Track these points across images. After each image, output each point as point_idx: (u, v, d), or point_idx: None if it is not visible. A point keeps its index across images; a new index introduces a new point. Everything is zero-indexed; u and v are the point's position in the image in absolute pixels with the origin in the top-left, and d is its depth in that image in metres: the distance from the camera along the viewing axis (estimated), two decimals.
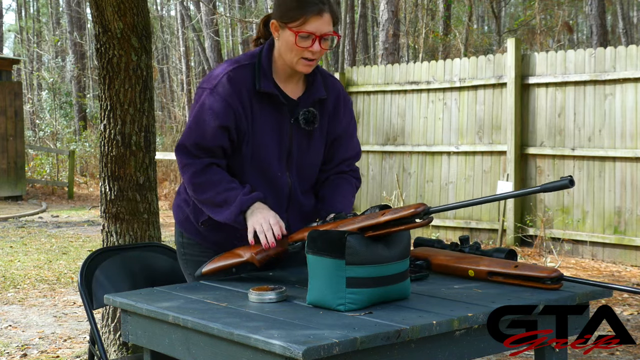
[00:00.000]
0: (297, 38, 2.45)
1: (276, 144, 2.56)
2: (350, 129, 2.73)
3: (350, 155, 2.74)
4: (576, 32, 31.57)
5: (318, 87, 2.60)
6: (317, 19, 2.44)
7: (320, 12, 2.44)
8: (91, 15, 4.35)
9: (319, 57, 2.51)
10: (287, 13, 2.46)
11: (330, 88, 2.65)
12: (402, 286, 2.19)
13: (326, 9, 2.46)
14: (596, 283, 2.34)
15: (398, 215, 2.13)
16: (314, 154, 2.64)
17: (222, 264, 2.54)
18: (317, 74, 2.63)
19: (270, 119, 2.55)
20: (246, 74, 2.53)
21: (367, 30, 24.80)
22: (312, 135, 2.62)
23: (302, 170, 2.64)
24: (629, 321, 5.61)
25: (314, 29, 2.44)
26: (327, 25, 2.46)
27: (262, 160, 2.56)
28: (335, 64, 16.41)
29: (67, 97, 22.28)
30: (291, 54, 2.49)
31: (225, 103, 2.50)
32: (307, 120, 2.55)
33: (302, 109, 2.56)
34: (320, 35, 2.46)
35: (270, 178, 2.59)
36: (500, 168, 9.01)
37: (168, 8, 34.23)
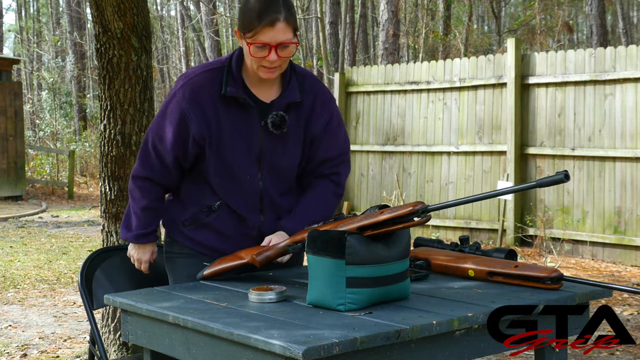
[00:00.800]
0: (252, 48, 2.46)
1: (244, 147, 2.57)
2: (331, 128, 2.67)
3: (330, 155, 2.69)
4: (576, 32, 31.57)
5: (292, 91, 2.58)
6: (269, 29, 2.43)
7: (273, 23, 2.42)
8: (91, 15, 4.35)
9: (280, 64, 2.49)
10: (243, 24, 2.48)
11: (307, 89, 2.63)
12: (402, 286, 2.19)
13: (281, 18, 2.43)
14: (596, 283, 2.34)
15: (396, 214, 2.14)
16: (290, 156, 2.63)
17: (224, 266, 2.55)
18: (294, 76, 2.60)
19: (238, 123, 2.56)
20: (214, 77, 2.56)
21: (367, 30, 24.80)
22: (287, 138, 2.60)
23: (278, 172, 2.63)
24: (629, 321, 5.61)
25: (268, 39, 2.44)
26: (283, 34, 2.44)
27: (229, 164, 2.58)
28: (335, 64, 16.40)
29: (67, 97, 22.29)
30: (251, 62, 2.51)
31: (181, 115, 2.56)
32: (275, 124, 2.55)
33: (272, 112, 2.56)
34: (276, 45, 2.45)
35: (239, 181, 2.61)
36: (500, 168, 9.01)
37: (168, 8, 34.24)
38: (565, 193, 8.52)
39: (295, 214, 2.67)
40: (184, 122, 2.56)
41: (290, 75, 2.60)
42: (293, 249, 2.47)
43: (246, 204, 2.63)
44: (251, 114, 2.56)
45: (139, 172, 2.69)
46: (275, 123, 2.54)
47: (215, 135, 2.56)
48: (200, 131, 2.55)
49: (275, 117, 2.54)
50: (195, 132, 2.56)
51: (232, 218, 2.64)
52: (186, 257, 2.70)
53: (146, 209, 2.70)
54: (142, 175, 2.68)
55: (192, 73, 2.60)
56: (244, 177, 2.60)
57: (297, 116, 2.61)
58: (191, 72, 2.62)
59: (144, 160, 2.67)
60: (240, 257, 2.55)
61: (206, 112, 2.55)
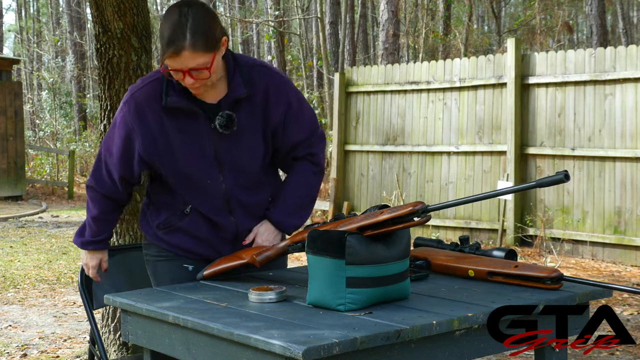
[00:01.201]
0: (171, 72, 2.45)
1: (198, 154, 2.55)
2: (292, 113, 2.61)
3: (299, 138, 2.65)
4: (576, 32, 31.57)
5: (236, 87, 2.53)
6: (176, 57, 2.39)
7: (178, 52, 2.38)
8: (91, 15, 4.35)
9: (201, 84, 2.45)
10: (160, 49, 2.46)
11: (255, 81, 2.55)
12: (402, 286, 2.19)
13: (185, 46, 2.37)
14: (596, 283, 2.34)
15: (396, 214, 2.14)
16: (250, 152, 2.59)
17: (223, 266, 2.55)
18: (237, 72, 2.54)
19: (187, 130, 2.54)
20: (157, 88, 2.54)
21: (367, 30, 24.80)
22: (242, 135, 2.56)
23: (241, 170, 2.61)
24: (629, 321, 5.61)
25: (177, 65, 2.41)
26: (191, 60, 2.39)
27: (187, 173, 2.58)
28: (335, 64, 16.40)
29: (67, 97, 22.30)
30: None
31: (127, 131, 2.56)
32: (222, 125, 2.51)
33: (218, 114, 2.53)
34: (187, 70, 2.42)
35: (201, 186, 2.60)
36: (500, 168, 9.01)
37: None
38: (565, 193, 8.52)
39: (278, 202, 2.67)
40: (129, 139, 2.57)
41: (233, 70, 2.55)
42: (293, 249, 2.47)
43: (213, 207, 2.62)
44: (199, 120, 2.54)
45: (91, 182, 2.73)
46: (222, 124, 2.51)
47: (164, 149, 2.55)
48: (146, 149, 2.56)
49: (221, 118, 2.51)
50: (141, 150, 2.57)
51: (204, 222, 2.64)
52: (165, 260, 2.71)
53: (96, 219, 2.76)
54: (93, 186, 2.72)
55: (137, 86, 2.60)
56: (204, 182, 2.59)
57: (250, 110, 2.56)
58: (137, 84, 2.61)
59: (96, 172, 2.71)
60: (240, 257, 2.56)
61: (152, 126, 2.54)
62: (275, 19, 16.55)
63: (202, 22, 2.42)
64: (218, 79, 2.53)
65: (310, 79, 20.49)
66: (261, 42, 26.86)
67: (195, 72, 2.42)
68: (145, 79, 2.60)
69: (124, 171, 2.63)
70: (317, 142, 2.70)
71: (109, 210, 2.75)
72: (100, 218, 2.75)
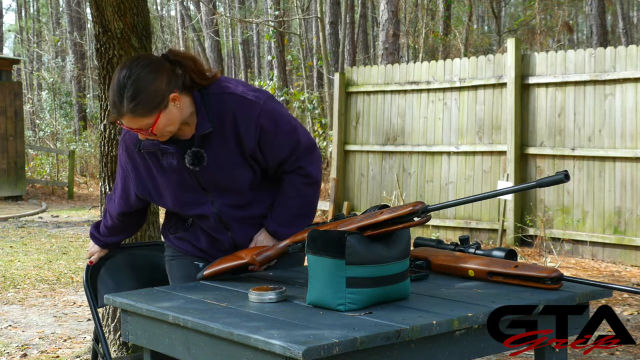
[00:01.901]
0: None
1: (182, 187, 2.63)
2: (267, 137, 2.58)
3: (282, 157, 2.62)
4: (576, 32, 31.57)
5: (202, 122, 2.54)
6: (122, 119, 2.47)
7: (120, 117, 2.45)
8: (91, 15, 4.35)
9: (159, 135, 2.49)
10: None
11: (224, 111, 2.55)
12: (402, 286, 2.19)
13: (124, 112, 2.42)
14: (596, 283, 2.34)
15: (396, 214, 2.14)
16: (233, 178, 2.61)
17: (223, 266, 2.55)
18: (202, 107, 2.55)
19: (167, 167, 2.62)
20: (135, 135, 2.62)
21: (367, 30, 24.80)
22: (220, 164, 2.58)
23: (229, 192, 2.64)
24: (629, 321, 5.61)
25: (128, 125, 2.48)
26: (133, 123, 2.45)
27: (176, 202, 2.67)
28: (335, 64, 16.41)
29: (67, 97, 22.29)
30: None
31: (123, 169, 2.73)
32: (191, 163, 2.56)
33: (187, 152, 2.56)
34: (137, 130, 2.48)
35: (194, 212, 2.68)
36: (500, 168, 9.01)
37: (168, 8, 34.25)
38: (565, 193, 8.52)
39: (272, 213, 2.69)
40: (126, 177, 2.75)
41: (199, 105, 2.55)
42: (293, 249, 2.48)
43: (209, 226, 2.69)
44: (174, 157, 2.59)
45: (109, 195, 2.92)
46: (190, 162, 2.56)
47: (152, 186, 2.68)
48: (138, 186, 2.72)
49: (188, 157, 2.55)
50: (135, 187, 2.73)
51: (204, 235, 2.73)
52: (178, 258, 2.81)
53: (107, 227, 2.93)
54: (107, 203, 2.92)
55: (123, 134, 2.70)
56: (194, 206, 2.66)
57: (222, 141, 2.57)
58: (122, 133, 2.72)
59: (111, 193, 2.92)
60: (240, 257, 2.56)
61: (139, 166, 2.67)
62: (275, 19, 16.55)
63: (144, 84, 2.42)
64: (189, 116, 2.56)
65: (310, 79, 20.49)
66: (261, 42, 26.87)
67: (142, 131, 2.49)
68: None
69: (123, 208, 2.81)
70: (305, 155, 2.65)
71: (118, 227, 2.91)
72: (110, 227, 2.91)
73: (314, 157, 2.70)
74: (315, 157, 2.71)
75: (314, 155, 2.71)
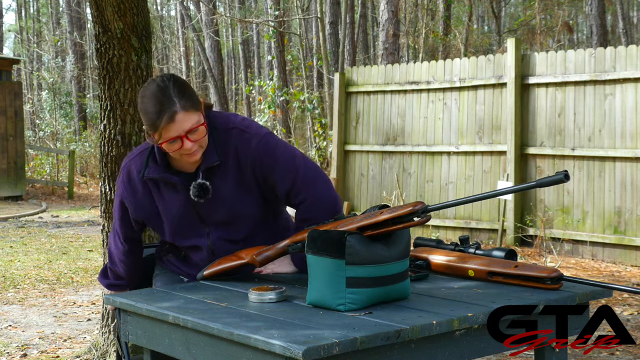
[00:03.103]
0: (165, 146, 2.50)
1: (181, 218, 2.64)
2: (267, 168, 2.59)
3: (287, 186, 2.59)
4: (576, 32, 31.57)
5: (210, 155, 2.56)
6: (172, 124, 2.44)
7: (171, 118, 2.43)
8: (91, 15, 4.35)
9: (198, 146, 2.51)
10: (147, 123, 2.49)
11: (229, 145, 2.59)
12: (402, 286, 2.19)
13: (177, 108, 2.44)
14: (596, 283, 2.34)
15: (396, 214, 2.14)
16: (234, 213, 2.61)
17: (223, 266, 2.55)
18: (211, 139, 2.57)
19: (168, 198, 2.63)
20: (141, 161, 2.65)
21: (367, 30, 24.80)
22: (221, 198, 2.58)
23: (226, 225, 2.64)
24: (629, 321, 5.61)
25: (174, 133, 2.45)
26: (187, 121, 2.45)
27: (173, 232, 2.69)
28: (335, 64, 16.40)
29: (67, 97, 22.28)
30: (171, 154, 2.55)
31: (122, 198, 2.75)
32: (196, 195, 2.56)
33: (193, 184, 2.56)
34: (186, 133, 2.46)
35: (188, 243, 2.69)
36: (500, 168, 9.01)
37: (168, 8, 34.25)
38: (565, 193, 8.52)
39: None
40: (124, 205, 2.76)
41: (208, 137, 2.57)
42: (293, 249, 2.47)
43: (201, 257, 2.69)
44: (177, 188, 2.61)
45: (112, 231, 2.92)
46: (195, 194, 2.56)
47: (151, 214, 2.69)
48: (137, 214, 2.73)
49: (194, 189, 2.56)
50: (133, 214, 2.75)
51: (193, 264, 2.74)
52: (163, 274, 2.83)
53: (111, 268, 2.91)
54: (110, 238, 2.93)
55: (131, 155, 2.72)
56: (190, 238, 2.68)
57: (225, 175, 2.59)
58: (132, 152, 2.74)
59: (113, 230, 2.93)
60: (240, 257, 2.56)
61: (137, 193, 2.68)
62: (275, 19, 16.55)
63: (183, 81, 2.52)
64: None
65: (310, 79, 20.49)
66: (261, 42, 26.87)
67: (193, 134, 2.47)
68: (138, 149, 2.72)
69: (126, 230, 2.81)
70: (306, 188, 2.60)
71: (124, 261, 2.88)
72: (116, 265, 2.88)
73: (312, 185, 2.61)
74: (321, 181, 2.64)
75: (320, 180, 2.63)
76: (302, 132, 19.28)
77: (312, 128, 15.97)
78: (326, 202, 2.60)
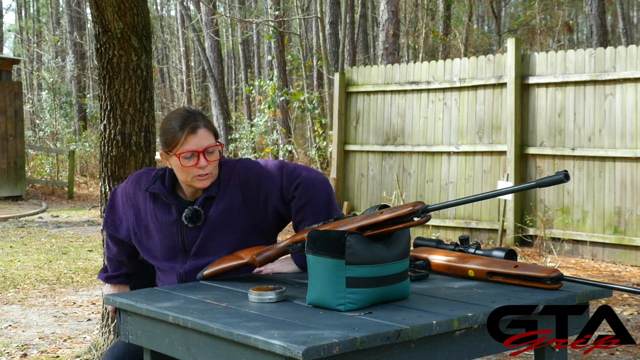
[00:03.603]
0: (182, 160, 2.59)
1: (166, 240, 2.68)
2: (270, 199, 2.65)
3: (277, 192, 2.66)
4: (576, 32, 31.58)
5: (211, 186, 2.66)
6: (193, 136, 2.59)
7: (194, 130, 2.59)
8: (91, 15, 4.36)
9: (211, 169, 2.61)
10: (167, 140, 2.63)
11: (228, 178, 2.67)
12: (402, 286, 2.19)
13: (200, 125, 2.61)
14: (596, 283, 2.34)
15: (396, 214, 2.14)
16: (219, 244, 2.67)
17: (223, 266, 2.55)
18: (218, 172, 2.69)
19: (161, 217, 2.69)
20: (147, 178, 2.74)
21: (367, 30, 24.80)
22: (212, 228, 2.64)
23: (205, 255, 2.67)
24: (629, 321, 5.61)
25: (194, 146, 2.59)
26: (206, 139, 2.61)
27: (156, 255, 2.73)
28: (335, 64, 16.40)
29: (67, 97, 22.28)
30: (184, 175, 2.63)
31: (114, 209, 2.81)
32: (188, 217, 2.63)
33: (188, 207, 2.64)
34: (203, 150, 2.59)
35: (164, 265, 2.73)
36: (500, 168, 9.01)
37: (168, 8, 34.25)
38: (565, 193, 8.52)
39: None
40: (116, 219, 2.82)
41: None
42: (293, 249, 2.47)
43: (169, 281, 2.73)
44: (171, 210, 2.68)
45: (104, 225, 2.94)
46: (188, 216, 2.64)
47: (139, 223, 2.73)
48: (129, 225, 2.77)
49: (188, 212, 2.64)
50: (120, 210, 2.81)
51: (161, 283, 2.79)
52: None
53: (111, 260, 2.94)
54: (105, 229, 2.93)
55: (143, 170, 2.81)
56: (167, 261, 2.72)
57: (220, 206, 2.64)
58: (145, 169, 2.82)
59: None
60: (240, 257, 2.56)
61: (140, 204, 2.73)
62: (275, 19, 16.55)
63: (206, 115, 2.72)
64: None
65: (310, 79, 20.49)
66: (261, 42, 26.87)
67: (208, 154, 2.60)
68: (153, 169, 2.81)
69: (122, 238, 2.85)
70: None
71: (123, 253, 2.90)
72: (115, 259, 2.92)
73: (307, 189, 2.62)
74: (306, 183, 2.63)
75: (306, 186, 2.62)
76: (302, 132, 19.29)
77: (312, 128, 15.97)
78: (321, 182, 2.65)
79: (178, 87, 28.93)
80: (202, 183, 2.62)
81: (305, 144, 17.84)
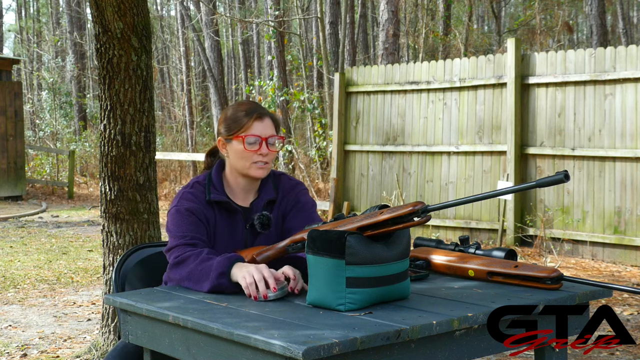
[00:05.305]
0: (245, 143, 2.62)
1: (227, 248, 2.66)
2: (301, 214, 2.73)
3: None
4: (576, 32, 31.58)
5: (269, 190, 2.71)
6: (259, 123, 2.64)
7: (261, 117, 2.65)
8: (91, 15, 4.36)
9: (270, 160, 2.65)
10: (232, 125, 2.66)
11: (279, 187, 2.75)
12: (402, 286, 2.19)
13: (266, 114, 2.68)
14: (596, 283, 2.34)
15: (396, 214, 2.14)
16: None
17: None
18: (269, 178, 2.75)
19: (226, 227, 2.67)
20: (200, 189, 2.70)
21: (367, 30, 24.80)
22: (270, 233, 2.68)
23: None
24: (629, 321, 5.61)
25: (258, 131, 2.63)
26: (270, 129, 2.67)
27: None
28: (335, 64, 16.40)
29: (67, 97, 22.29)
30: (243, 161, 2.64)
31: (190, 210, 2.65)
32: (263, 223, 2.64)
33: (257, 214, 2.66)
34: (266, 138, 2.64)
35: None
36: (500, 168, 9.01)
37: (168, 8, 34.25)
38: (565, 193, 8.52)
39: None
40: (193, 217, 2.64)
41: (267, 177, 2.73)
42: (293, 249, 2.48)
43: None
44: (237, 218, 2.68)
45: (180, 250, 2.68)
46: (263, 222, 2.65)
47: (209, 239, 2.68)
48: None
49: (262, 217, 2.65)
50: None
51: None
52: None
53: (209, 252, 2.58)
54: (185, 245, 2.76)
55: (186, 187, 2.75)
56: None
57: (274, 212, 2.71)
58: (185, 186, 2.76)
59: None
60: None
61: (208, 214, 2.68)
62: (275, 19, 16.55)
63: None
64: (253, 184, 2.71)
65: (310, 79, 20.49)
66: (261, 42, 26.87)
67: (271, 145, 2.65)
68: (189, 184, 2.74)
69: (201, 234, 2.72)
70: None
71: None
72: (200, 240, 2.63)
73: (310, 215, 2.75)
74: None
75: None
76: (302, 132, 19.28)
77: (312, 128, 15.97)
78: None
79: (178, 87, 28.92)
80: (259, 172, 2.64)
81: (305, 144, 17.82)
